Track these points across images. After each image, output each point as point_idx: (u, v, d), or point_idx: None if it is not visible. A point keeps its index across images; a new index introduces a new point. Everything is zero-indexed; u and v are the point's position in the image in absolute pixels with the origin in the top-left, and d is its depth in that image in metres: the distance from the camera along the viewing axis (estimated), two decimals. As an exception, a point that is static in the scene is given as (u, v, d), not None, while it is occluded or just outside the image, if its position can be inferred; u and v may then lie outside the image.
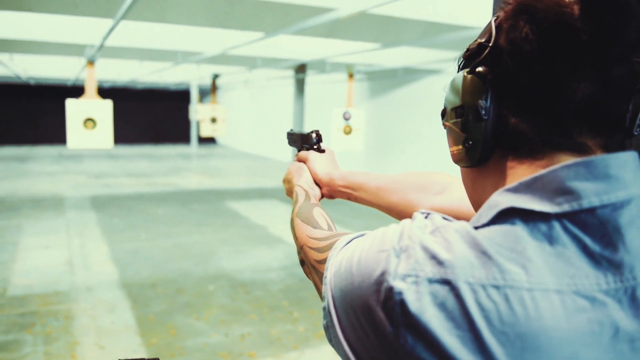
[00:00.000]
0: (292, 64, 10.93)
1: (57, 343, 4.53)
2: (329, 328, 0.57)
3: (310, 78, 15.72)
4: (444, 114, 0.61)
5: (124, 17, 5.11)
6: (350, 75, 8.68)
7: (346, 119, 8.43)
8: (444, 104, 0.61)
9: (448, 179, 0.90)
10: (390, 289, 0.47)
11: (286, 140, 1.26)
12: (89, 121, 6.02)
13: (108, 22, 6.16)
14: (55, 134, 23.43)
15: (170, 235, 8.26)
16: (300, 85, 13.15)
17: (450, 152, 0.61)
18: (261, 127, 22.58)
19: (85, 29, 7.85)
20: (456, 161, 0.60)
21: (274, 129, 20.70)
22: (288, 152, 16.50)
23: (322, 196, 1.07)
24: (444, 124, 0.62)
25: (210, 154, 23.04)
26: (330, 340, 0.58)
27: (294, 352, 4.52)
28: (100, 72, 14.15)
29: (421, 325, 0.45)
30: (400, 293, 0.47)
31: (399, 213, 0.93)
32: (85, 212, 9.90)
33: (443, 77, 11.28)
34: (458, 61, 0.61)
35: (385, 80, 13.31)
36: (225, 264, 6.84)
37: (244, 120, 24.67)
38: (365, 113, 12.50)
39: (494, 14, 1.03)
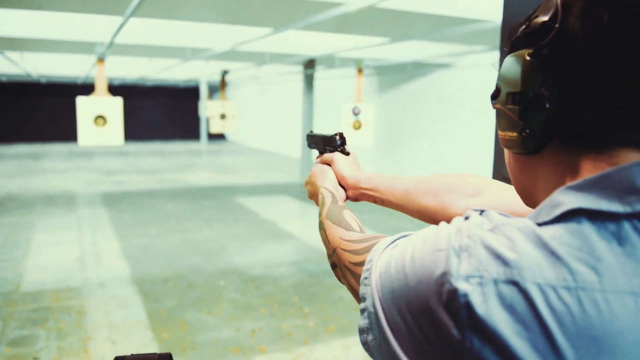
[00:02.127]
0: (301, 60, 10.92)
1: (70, 338, 4.58)
2: (369, 330, 0.55)
3: (319, 73, 15.69)
4: (495, 95, 0.57)
5: (133, 14, 5.12)
6: (359, 70, 8.66)
7: (355, 114, 8.42)
8: (497, 83, 0.57)
9: (481, 181, 0.87)
10: (454, 291, 0.45)
11: (306, 142, 1.24)
12: (99, 118, 6.05)
13: (117, 20, 6.18)
14: (66, 131, 23.60)
15: (180, 231, 8.30)
16: (309, 81, 13.14)
17: (501, 136, 0.57)
18: (270, 123, 22.59)
19: (95, 26, 7.88)
20: (507, 147, 0.57)
21: (284, 125, 20.71)
22: (298, 148, 16.50)
23: (347, 198, 1.05)
24: (494, 106, 0.58)
25: (220, 150, 23.10)
26: (365, 343, 0.56)
27: (304, 346, 4.53)
28: (110, 69, 14.21)
29: (489, 328, 0.44)
30: (465, 295, 0.45)
31: (432, 216, 0.90)
32: (97, 208, 9.97)
33: (453, 71, 11.22)
34: (511, 37, 0.56)
35: (394, 74, 13.27)
36: (236, 260, 6.87)
37: (254, 117, 24.70)
38: (375, 108, 12.48)
39: (505, 5, 1.01)
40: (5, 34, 7.67)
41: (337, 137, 1.12)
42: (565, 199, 0.48)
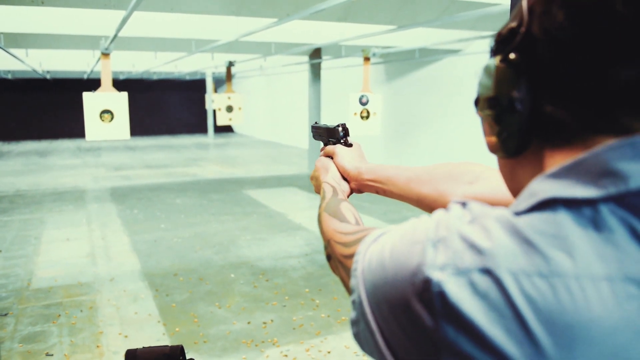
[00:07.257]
0: (307, 49, 10.85)
1: (82, 333, 4.58)
2: (358, 322, 0.56)
3: (326, 63, 15.60)
4: (477, 102, 0.59)
5: (136, 8, 5.08)
6: (366, 59, 8.56)
7: (363, 104, 8.34)
8: (477, 91, 0.59)
9: (481, 168, 0.88)
10: (428, 281, 0.46)
11: (311, 134, 1.26)
12: (105, 113, 6.04)
13: (121, 14, 6.14)
14: (73, 127, 23.69)
15: (190, 224, 8.29)
16: (315, 71, 13.05)
17: (486, 141, 0.59)
18: (278, 115, 22.55)
19: (98, 20, 7.85)
20: (492, 151, 0.59)
21: (291, 116, 20.66)
22: (305, 139, 16.46)
23: (352, 191, 1.07)
24: (478, 113, 0.60)
25: (228, 143, 23.11)
26: (356, 335, 0.57)
27: (316, 338, 4.51)
28: (115, 63, 14.20)
29: (463, 316, 0.44)
30: (439, 284, 0.45)
31: (430, 205, 0.92)
32: (106, 204, 9.99)
33: (462, 57, 11.10)
34: (490, 45, 0.58)
35: (402, 62, 13.15)
36: (246, 252, 6.85)
37: (261, 108, 24.67)
38: (383, 97, 12.38)
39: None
40: (9, 30, 7.66)
41: (340, 129, 1.13)
42: (541, 187, 0.48)
